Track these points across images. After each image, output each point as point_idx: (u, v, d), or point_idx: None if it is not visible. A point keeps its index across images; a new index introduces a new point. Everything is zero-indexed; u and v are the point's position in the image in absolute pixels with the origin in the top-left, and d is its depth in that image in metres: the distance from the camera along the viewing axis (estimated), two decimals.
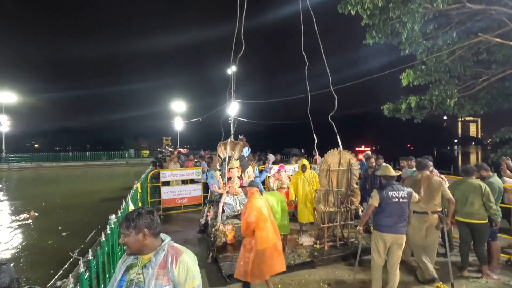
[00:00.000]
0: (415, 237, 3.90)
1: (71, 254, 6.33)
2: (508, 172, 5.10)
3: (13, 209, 11.42)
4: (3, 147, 31.43)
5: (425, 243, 3.92)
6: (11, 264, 6.02)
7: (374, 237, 3.50)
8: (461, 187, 4.04)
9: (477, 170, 4.27)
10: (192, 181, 8.25)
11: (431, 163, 4.77)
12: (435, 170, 4.93)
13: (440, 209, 3.87)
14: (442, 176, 4.67)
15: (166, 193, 7.77)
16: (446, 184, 4.04)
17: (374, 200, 3.40)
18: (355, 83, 12.83)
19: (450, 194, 3.83)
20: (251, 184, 3.66)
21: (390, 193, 3.35)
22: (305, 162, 5.71)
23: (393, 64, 10.02)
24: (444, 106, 9.63)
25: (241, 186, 3.97)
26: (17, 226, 8.87)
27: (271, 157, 8.54)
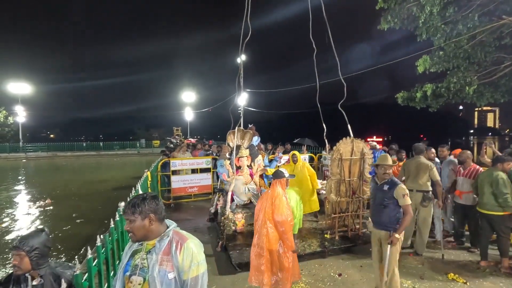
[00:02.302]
0: None
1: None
2: (486, 157, 5.22)
3: (30, 196, 11.81)
4: (20, 137, 32.43)
5: (417, 219, 4.40)
6: None
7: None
8: None
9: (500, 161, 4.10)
10: (202, 170, 8.28)
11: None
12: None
13: (426, 189, 4.26)
14: (480, 168, 4.41)
15: (176, 182, 7.83)
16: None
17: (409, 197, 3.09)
18: (367, 71, 12.48)
19: (437, 177, 4.24)
20: (279, 174, 3.13)
21: None
22: (296, 152, 5.60)
23: (408, 51, 9.64)
24: (462, 94, 9.20)
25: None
26: (34, 213, 9.16)
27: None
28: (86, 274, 1.87)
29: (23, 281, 1.67)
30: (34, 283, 1.65)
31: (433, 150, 5.00)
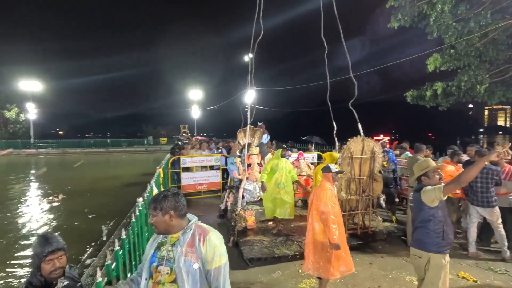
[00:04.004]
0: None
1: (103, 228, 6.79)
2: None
3: (43, 192, 12.11)
4: (31, 134, 33.10)
5: None
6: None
7: None
8: None
9: None
10: (211, 167, 8.39)
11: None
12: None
13: None
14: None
15: (186, 178, 7.95)
16: None
17: None
18: (377, 69, 12.41)
19: None
20: (326, 169, 3.28)
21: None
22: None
23: (418, 49, 9.57)
24: (473, 93, 9.12)
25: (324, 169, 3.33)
26: (47, 208, 9.40)
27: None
28: (114, 264, 1.97)
29: (47, 286, 1.63)
30: (60, 285, 1.64)
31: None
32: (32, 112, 33.78)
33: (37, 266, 1.61)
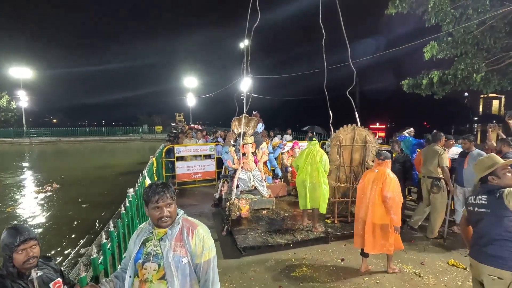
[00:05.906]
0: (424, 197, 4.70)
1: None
2: (493, 141, 5.12)
3: (36, 181, 12.00)
4: (24, 122, 32.58)
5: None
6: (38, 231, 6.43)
7: None
8: None
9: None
10: (206, 157, 8.34)
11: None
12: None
13: (435, 176, 4.39)
14: None
15: (181, 168, 7.91)
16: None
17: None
18: (373, 57, 12.26)
19: (443, 163, 4.27)
20: (388, 156, 3.41)
21: (469, 197, 2.28)
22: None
23: (416, 37, 9.43)
24: (469, 81, 9.09)
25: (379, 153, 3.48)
26: (41, 197, 9.33)
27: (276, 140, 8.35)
28: (102, 258, 1.94)
29: (20, 277, 1.58)
30: (34, 275, 1.59)
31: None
32: (23, 100, 33.14)
33: (9, 257, 1.57)
